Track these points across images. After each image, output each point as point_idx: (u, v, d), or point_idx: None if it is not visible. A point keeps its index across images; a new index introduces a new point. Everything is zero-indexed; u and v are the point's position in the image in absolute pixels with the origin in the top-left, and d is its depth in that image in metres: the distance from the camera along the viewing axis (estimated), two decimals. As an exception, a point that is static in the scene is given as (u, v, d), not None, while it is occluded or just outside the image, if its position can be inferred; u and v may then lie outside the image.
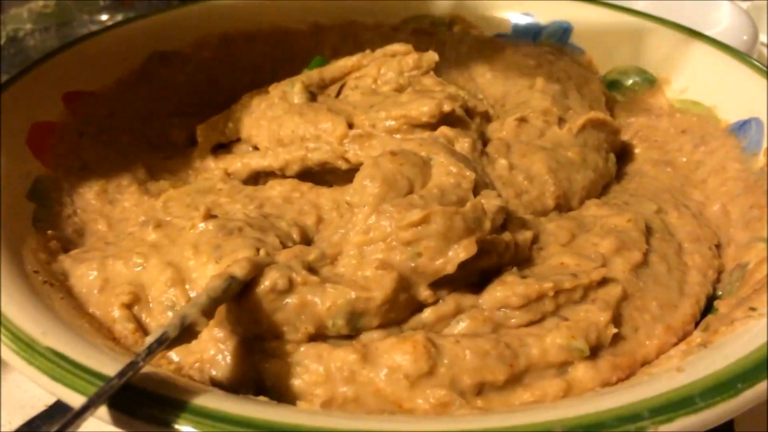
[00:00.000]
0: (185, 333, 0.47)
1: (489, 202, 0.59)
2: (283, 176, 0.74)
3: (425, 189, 0.60)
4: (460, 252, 0.54)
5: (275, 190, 0.71)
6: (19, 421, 0.65)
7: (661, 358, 0.55)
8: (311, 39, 0.98)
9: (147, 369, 0.45)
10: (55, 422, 0.39)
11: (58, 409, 0.65)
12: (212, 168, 0.77)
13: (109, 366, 0.45)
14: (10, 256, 0.57)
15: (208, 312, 0.48)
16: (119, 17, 1.26)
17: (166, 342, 0.45)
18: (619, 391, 0.48)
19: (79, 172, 0.74)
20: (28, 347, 0.46)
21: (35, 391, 0.68)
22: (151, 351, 0.44)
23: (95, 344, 0.49)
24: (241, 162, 0.76)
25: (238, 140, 0.80)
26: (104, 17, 1.26)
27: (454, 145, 0.68)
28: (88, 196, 0.71)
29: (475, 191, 0.61)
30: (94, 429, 0.45)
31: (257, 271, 0.53)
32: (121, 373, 0.41)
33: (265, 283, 0.53)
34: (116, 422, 0.43)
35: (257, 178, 0.76)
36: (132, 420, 0.43)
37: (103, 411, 0.43)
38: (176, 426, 0.42)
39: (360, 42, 0.97)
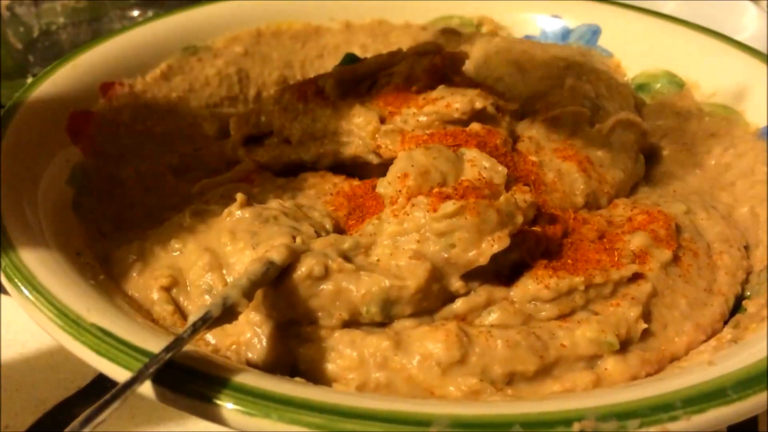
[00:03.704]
0: (226, 313, 0.48)
1: (521, 196, 0.60)
2: (315, 169, 0.75)
3: (458, 183, 0.61)
4: (494, 244, 0.55)
5: (307, 181, 0.72)
6: (53, 401, 0.67)
7: (691, 353, 0.56)
8: (341, 37, 1.00)
9: (188, 348, 0.47)
10: (92, 400, 0.40)
11: (93, 388, 0.67)
12: (245, 160, 0.78)
13: (152, 343, 0.46)
14: (53, 238, 0.58)
15: (249, 294, 0.49)
16: (150, 13, 1.28)
17: (209, 321, 0.46)
18: (651, 382, 0.49)
19: (116, 160, 0.76)
20: (74, 323, 0.48)
21: (68, 373, 0.70)
22: (195, 329, 0.45)
23: (137, 322, 0.50)
24: (273, 154, 0.77)
25: (270, 133, 0.81)
26: (135, 13, 1.28)
27: (485, 141, 0.69)
28: (125, 184, 0.73)
29: (507, 187, 0.62)
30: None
31: (294, 257, 0.54)
32: (168, 348, 0.43)
33: (302, 269, 0.54)
34: (160, 397, 0.44)
35: (289, 170, 0.77)
36: (175, 395, 0.44)
37: (147, 387, 0.44)
38: (218, 401, 0.43)
39: (389, 41, 0.99)
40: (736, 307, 0.62)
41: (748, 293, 0.64)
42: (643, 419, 0.42)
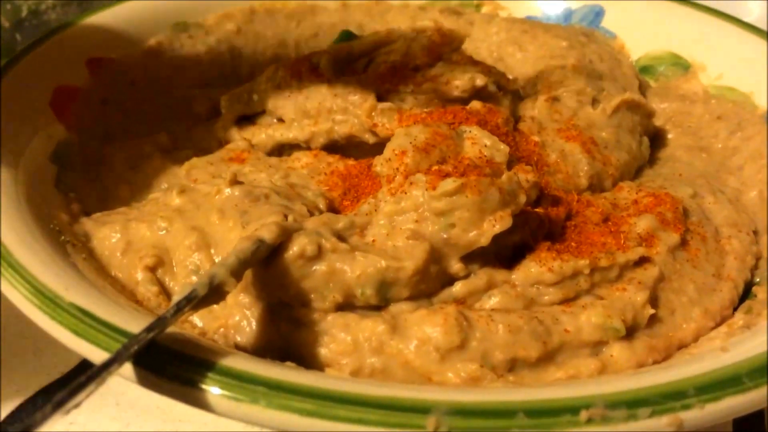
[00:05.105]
0: (213, 293, 0.45)
1: (523, 176, 0.58)
2: (308, 149, 0.73)
3: (458, 160, 0.58)
4: (495, 224, 0.53)
5: (301, 161, 0.69)
6: (36, 387, 0.64)
7: (701, 340, 0.53)
8: (337, 16, 0.97)
9: (172, 330, 0.44)
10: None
11: (75, 375, 0.64)
12: (236, 139, 0.75)
13: (134, 323, 0.44)
14: (33, 215, 0.56)
15: (237, 273, 0.47)
16: (141, -7, 1.25)
17: (194, 300, 0.43)
18: (661, 369, 0.46)
19: (102, 137, 0.73)
20: (51, 302, 0.45)
21: (51, 359, 0.67)
22: (179, 308, 0.42)
23: (119, 302, 0.48)
24: (265, 133, 0.74)
25: (263, 112, 0.78)
26: (126, -7, 1.25)
27: (486, 120, 0.66)
28: (111, 162, 0.70)
29: (509, 166, 0.60)
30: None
31: (285, 236, 0.52)
32: (149, 328, 0.40)
33: (294, 249, 0.51)
34: (141, 381, 0.41)
35: (281, 150, 0.75)
36: (157, 378, 0.41)
37: (128, 369, 0.41)
38: (202, 386, 0.41)
39: (386, 20, 0.96)
40: (745, 294, 0.60)
41: (758, 279, 0.62)
42: (655, 407, 0.40)
